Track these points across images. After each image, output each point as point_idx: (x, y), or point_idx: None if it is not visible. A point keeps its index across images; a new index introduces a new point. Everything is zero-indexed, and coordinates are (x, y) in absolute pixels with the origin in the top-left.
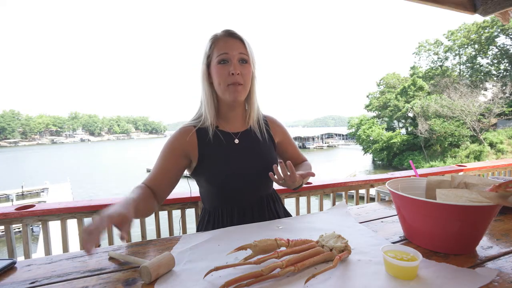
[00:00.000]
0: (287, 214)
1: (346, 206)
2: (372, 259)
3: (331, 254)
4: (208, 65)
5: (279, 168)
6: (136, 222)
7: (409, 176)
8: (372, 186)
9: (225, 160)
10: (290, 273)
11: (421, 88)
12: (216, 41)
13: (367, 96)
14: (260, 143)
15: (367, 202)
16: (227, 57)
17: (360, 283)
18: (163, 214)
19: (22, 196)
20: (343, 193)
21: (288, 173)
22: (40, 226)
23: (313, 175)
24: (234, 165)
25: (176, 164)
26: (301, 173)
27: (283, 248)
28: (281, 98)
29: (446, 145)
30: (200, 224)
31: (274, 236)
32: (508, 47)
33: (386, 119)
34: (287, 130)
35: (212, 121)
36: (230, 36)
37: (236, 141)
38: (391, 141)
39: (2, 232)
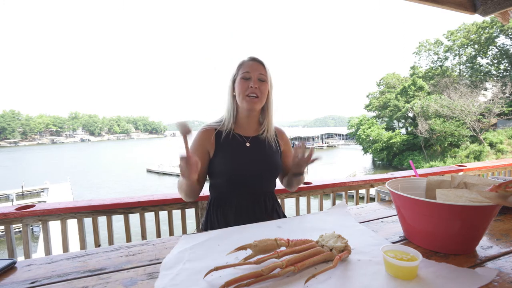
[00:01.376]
0: (284, 215)
1: (346, 206)
2: (372, 259)
3: (331, 254)
4: (233, 81)
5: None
6: (136, 222)
7: (409, 176)
8: (372, 186)
9: (235, 159)
10: (290, 273)
11: (421, 88)
12: (242, 64)
13: (367, 96)
14: (268, 149)
15: (367, 202)
16: (249, 75)
17: (360, 283)
18: (163, 214)
19: (22, 196)
20: (343, 193)
21: (306, 155)
22: (40, 226)
23: (312, 152)
24: (242, 165)
25: (202, 157)
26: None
27: (283, 248)
28: (281, 98)
29: (446, 145)
30: (207, 212)
31: (274, 236)
32: (508, 47)
33: (386, 119)
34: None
35: (230, 126)
36: (253, 61)
37: (248, 144)
38: (391, 141)
39: (2, 232)
